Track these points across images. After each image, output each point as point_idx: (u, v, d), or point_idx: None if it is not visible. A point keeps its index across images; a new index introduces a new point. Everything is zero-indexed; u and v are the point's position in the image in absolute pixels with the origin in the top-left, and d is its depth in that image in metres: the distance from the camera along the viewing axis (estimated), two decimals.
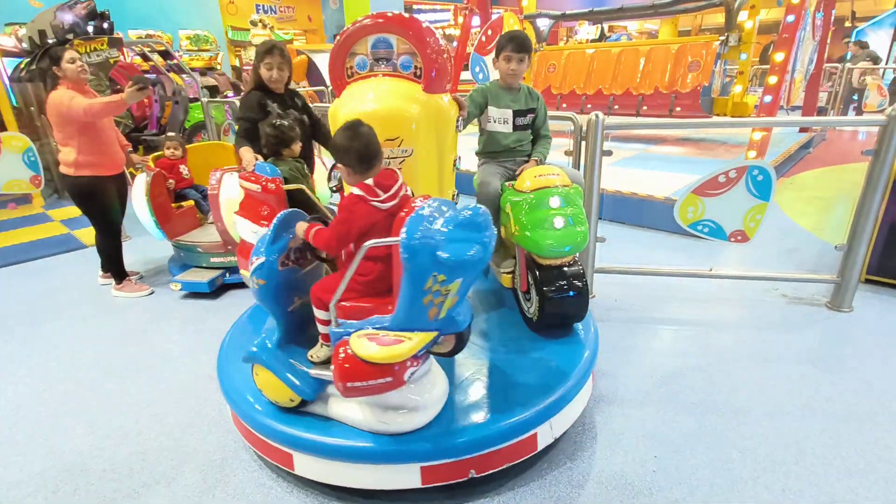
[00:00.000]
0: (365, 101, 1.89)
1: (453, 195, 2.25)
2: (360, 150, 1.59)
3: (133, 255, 4.12)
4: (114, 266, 3.48)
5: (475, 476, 1.71)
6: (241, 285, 3.44)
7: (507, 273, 2.47)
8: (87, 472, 1.95)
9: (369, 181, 1.58)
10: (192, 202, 3.84)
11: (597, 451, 1.96)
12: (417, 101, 1.91)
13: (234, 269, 3.47)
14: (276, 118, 2.25)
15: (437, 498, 1.76)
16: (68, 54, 3.06)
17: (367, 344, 1.39)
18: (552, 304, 2.09)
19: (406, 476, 1.67)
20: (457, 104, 2.14)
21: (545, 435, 1.82)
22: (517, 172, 2.41)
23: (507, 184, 2.40)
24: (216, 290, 3.43)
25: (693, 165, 5.64)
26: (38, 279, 3.85)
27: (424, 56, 1.93)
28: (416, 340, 1.41)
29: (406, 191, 1.67)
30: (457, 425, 1.69)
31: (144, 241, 4.41)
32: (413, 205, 1.57)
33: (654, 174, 5.31)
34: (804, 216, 4.61)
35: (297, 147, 2.24)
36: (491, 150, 2.55)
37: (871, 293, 3.15)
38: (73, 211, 5.37)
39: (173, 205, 3.71)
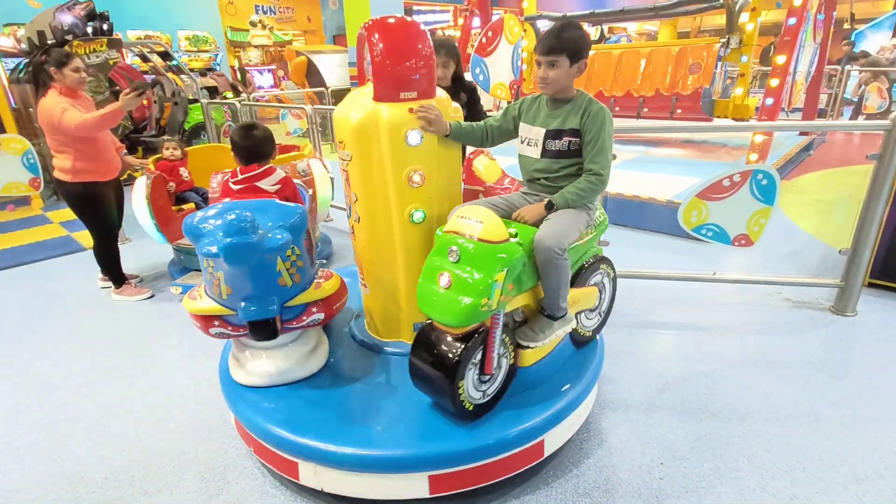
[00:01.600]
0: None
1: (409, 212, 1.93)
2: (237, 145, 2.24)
3: (132, 258, 4.10)
4: (112, 271, 3.45)
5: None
6: None
7: None
8: (87, 480, 1.93)
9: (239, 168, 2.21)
10: (192, 205, 3.82)
11: (603, 458, 1.95)
12: (360, 107, 1.84)
13: None
14: None
15: None
16: (76, 62, 3.01)
17: (186, 299, 1.89)
18: (412, 367, 1.72)
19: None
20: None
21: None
22: (514, 215, 1.88)
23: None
24: None
25: (694, 168, 5.63)
26: (37, 282, 3.82)
27: (371, 61, 1.84)
28: (204, 305, 1.82)
29: (271, 181, 2.19)
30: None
31: (144, 244, 4.39)
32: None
33: (656, 177, 5.30)
34: (806, 219, 4.60)
35: None
36: (522, 178, 2.10)
37: (874, 297, 3.14)
38: (72, 213, 5.35)
39: (174, 207, 3.69)
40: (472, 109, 2.89)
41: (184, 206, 3.77)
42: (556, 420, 1.78)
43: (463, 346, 1.61)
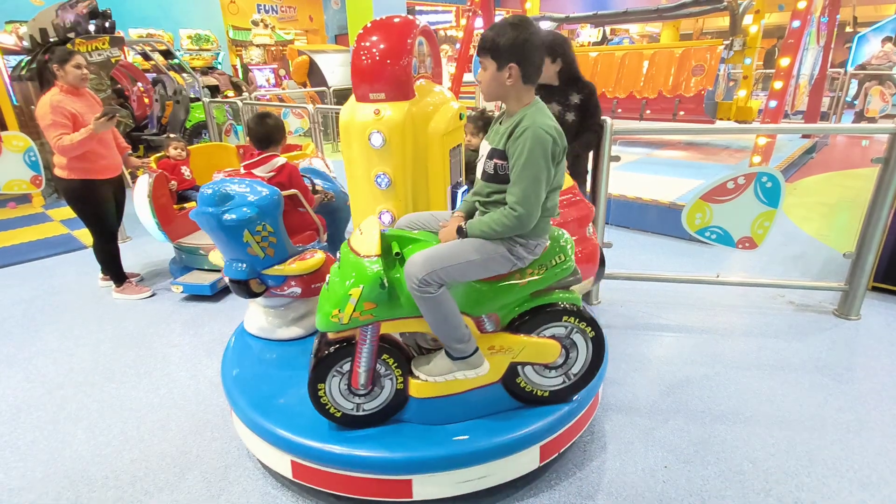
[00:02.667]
0: (452, 99, 2.09)
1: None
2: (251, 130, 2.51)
3: (133, 257, 4.09)
4: (112, 269, 3.44)
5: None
6: None
7: None
8: (88, 479, 1.92)
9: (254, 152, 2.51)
10: (194, 204, 3.81)
11: (606, 461, 1.94)
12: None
13: None
14: None
15: None
16: (77, 59, 3.01)
17: None
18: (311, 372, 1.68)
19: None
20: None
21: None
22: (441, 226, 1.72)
23: None
24: (217, 293, 3.40)
25: (697, 170, 5.62)
26: (38, 280, 3.81)
27: (438, 56, 2.03)
28: None
29: (266, 168, 2.44)
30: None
31: (144, 242, 4.38)
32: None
33: (658, 178, 5.29)
34: (809, 222, 4.59)
35: None
36: None
37: (878, 300, 3.13)
38: (73, 211, 5.34)
39: (175, 206, 3.68)
40: (584, 113, 2.71)
41: (185, 205, 3.76)
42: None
43: (326, 352, 1.63)
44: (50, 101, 2.96)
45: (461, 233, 1.58)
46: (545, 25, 8.34)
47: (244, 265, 2.15)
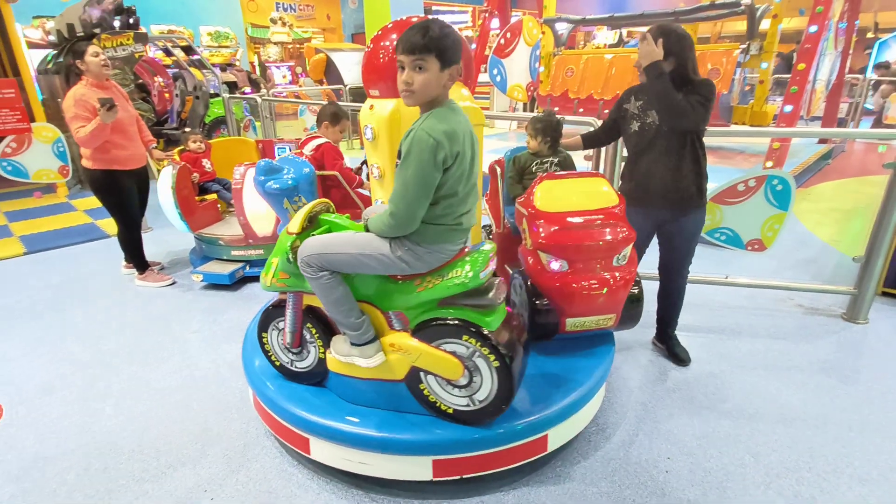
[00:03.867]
0: (458, 99, 2.09)
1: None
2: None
3: (154, 247, 4.22)
4: (135, 257, 3.56)
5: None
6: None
7: None
8: (116, 451, 2.03)
9: None
10: (214, 195, 3.93)
11: (610, 451, 2.00)
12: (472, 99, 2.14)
13: (254, 262, 3.55)
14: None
15: (454, 490, 1.81)
16: (92, 48, 3.12)
17: None
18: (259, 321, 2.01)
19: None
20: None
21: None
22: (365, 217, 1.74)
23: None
24: (236, 283, 3.51)
25: (711, 174, 5.61)
26: (64, 266, 3.95)
27: (469, 59, 2.08)
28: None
29: (308, 147, 3.02)
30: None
31: (165, 233, 4.52)
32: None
33: None
34: (822, 227, 4.59)
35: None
36: None
37: (887, 305, 3.14)
38: (96, 201, 5.49)
39: (197, 198, 3.80)
40: None
41: (206, 197, 3.88)
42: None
43: (270, 307, 1.95)
44: (74, 94, 3.08)
45: (366, 227, 1.63)
46: (561, 27, 8.38)
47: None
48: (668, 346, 2.62)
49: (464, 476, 1.76)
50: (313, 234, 1.74)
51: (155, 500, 1.80)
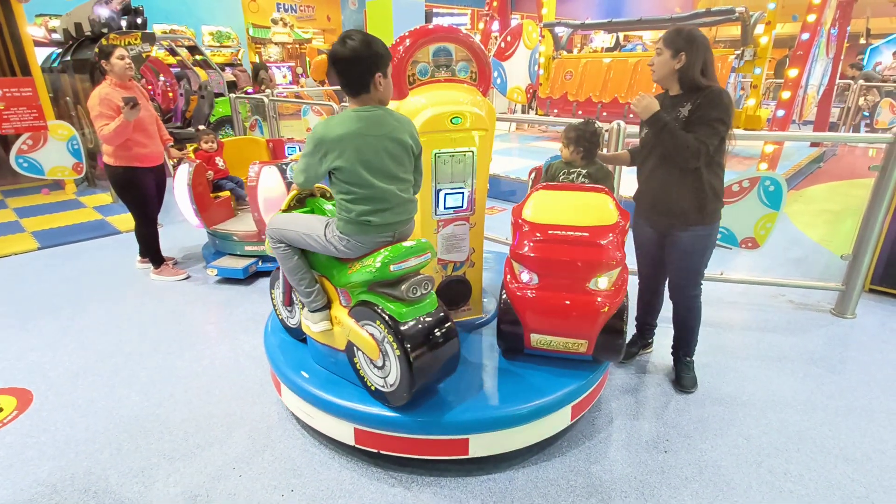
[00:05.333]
0: (451, 103, 2.07)
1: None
2: None
3: (166, 242, 4.31)
4: (151, 252, 3.68)
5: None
6: None
7: None
8: (146, 432, 2.14)
9: None
10: (228, 192, 4.04)
11: (612, 433, 2.13)
12: (480, 104, 2.16)
13: (266, 258, 3.66)
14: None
15: (468, 468, 1.93)
16: (119, 51, 3.25)
17: None
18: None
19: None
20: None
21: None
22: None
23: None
24: (249, 277, 3.63)
25: None
26: (79, 261, 4.05)
27: (483, 65, 2.22)
28: None
29: None
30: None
31: (176, 230, 4.62)
32: None
33: None
34: (812, 228, 4.75)
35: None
36: None
37: (874, 302, 3.30)
38: (105, 198, 5.60)
39: (211, 195, 3.90)
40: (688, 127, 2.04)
41: (220, 194, 3.99)
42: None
43: (276, 268, 2.22)
44: (99, 93, 3.20)
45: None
46: (560, 31, 8.53)
47: None
48: (677, 368, 2.49)
49: (381, 451, 1.89)
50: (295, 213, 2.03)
51: (188, 477, 1.91)
